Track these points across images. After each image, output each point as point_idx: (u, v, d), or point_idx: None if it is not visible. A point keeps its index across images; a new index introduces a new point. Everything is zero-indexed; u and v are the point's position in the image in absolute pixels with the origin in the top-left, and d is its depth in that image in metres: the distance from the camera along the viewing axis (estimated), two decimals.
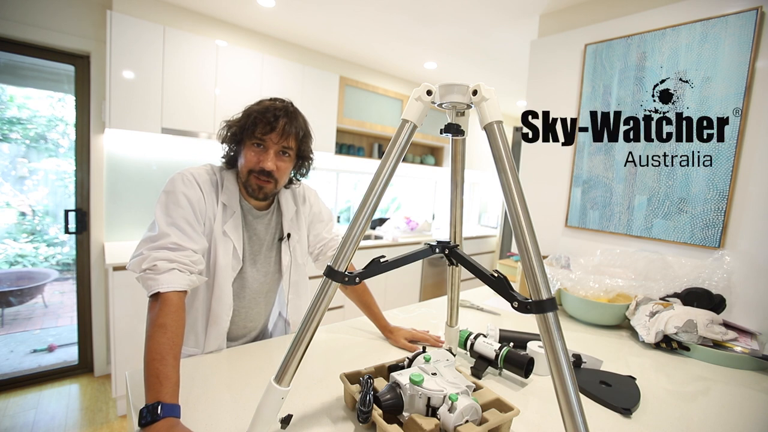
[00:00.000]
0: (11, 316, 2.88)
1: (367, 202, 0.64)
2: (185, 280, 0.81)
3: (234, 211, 0.99)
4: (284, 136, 0.93)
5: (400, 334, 1.12)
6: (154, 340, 0.71)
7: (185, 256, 0.83)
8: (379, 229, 3.60)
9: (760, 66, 1.42)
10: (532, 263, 0.55)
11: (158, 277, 0.78)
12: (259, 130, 0.92)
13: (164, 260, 0.80)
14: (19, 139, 2.55)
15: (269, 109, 0.93)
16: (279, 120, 0.92)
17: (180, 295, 0.79)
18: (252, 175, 0.95)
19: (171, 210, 0.87)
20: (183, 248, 0.84)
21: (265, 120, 0.91)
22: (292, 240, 1.10)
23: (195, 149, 2.61)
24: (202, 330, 1.00)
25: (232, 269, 0.99)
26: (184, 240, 0.85)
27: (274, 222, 1.08)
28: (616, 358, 1.15)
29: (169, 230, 0.84)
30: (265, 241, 1.07)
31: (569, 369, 0.52)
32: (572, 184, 1.97)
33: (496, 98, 0.61)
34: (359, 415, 0.67)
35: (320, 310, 0.64)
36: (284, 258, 1.08)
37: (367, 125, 3.31)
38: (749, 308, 1.40)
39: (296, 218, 1.13)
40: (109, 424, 1.99)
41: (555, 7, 2.12)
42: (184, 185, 0.91)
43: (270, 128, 0.92)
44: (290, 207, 1.10)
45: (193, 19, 2.50)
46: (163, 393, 0.63)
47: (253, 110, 0.95)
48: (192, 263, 0.84)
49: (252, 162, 0.94)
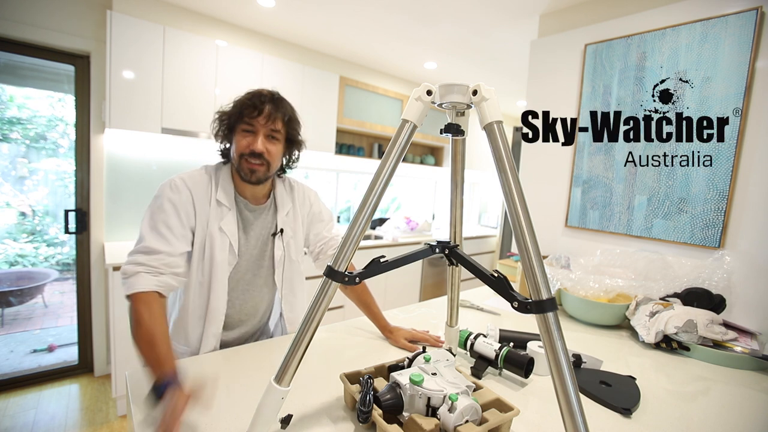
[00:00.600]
0: (11, 316, 2.88)
1: (367, 202, 0.64)
2: (152, 281, 0.85)
3: (230, 208, 1.01)
4: (271, 119, 0.97)
5: (400, 334, 1.12)
6: (135, 335, 0.78)
7: (156, 259, 0.88)
8: (379, 229, 3.60)
9: (760, 66, 1.42)
10: (532, 263, 0.55)
11: (126, 282, 0.84)
12: (247, 114, 0.95)
13: (134, 264, 0.86)
14: (19, 139, 2.56)
15: (255, 95, 0.97)
16: (265, 104, 0.96)
17: (148, 293, 0.84)
18: (243, 159, 0.97)
19: (154, 215, 0.93)
20: (156, 251, 0.88)
21: (252, 105, 0.95)
22: (286, 235, 1.11)
23: (195, 149, 2.61)
24: (197, 326, 1.01)
25: (228, 264, 1.02)
26: (160, 244, 0.90)
27: (270, 217, 1.11)
28: (616, 358, 1.15)
29: (147, 234, 0.91)
30: (261, 235, 1.09)
31: (569, 369, 0.52)
32: (572, 184, 1.97)
33: (496, 98, 0.61)
34: (359, 415, 0.67)
35: (320, 310, 0.64)
36: (277, 252, 1.09)
37: (367, 125, 3.31)
38: (749, 308, 1.40)
39: (292, 215, 1.14)
40: (109, 424, 1.99)
41: (555, 7, 2.12)
42: (171, 190, 0.95)
43: (257, 112, 0.95)
44: (286, 203, 1.13)
45: (193, 19, 2.50)
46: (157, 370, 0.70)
47: (240, 99, 0.99)
48: (164, 266, 0.88)
49: (242, 146, 0.97)
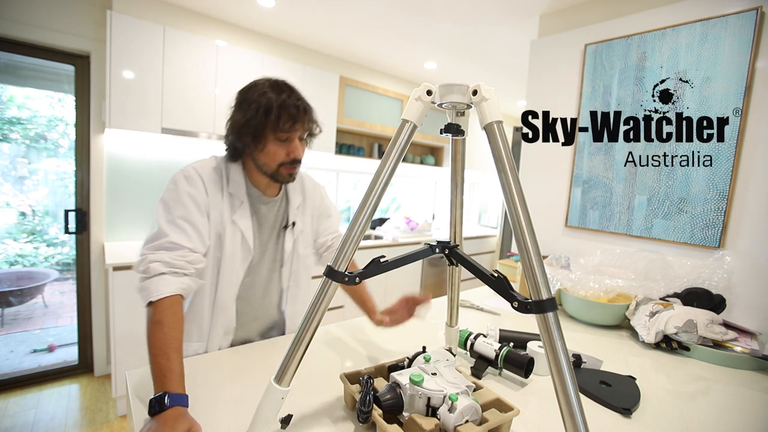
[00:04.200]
0: (11, 316, 2.88)
1: (367, 202, 0.64)
2: (176, 284, 0.81)
3: (242, 201, 1.00)
4: (306, 125, 0.97)
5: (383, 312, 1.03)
6: (153, 337, 0.73)
7: (181, 256, 0.84)
8: (379, 229, 3.60)
9: (760, 66, 1.42)
10: (532, 263, 0.55)
11: (150, 286, 0.79)
12: (284, 124, 0.92)
13: (158, 262, 0.81)
14: (19, 139, 2.56)
15: (288, 103, 0.92)
16: (300, 111, 0.94)
17: (171, 296, 0.79)
18: (283, 166, 0.96)
19: (172, 208, 0.88)
20: (180, 247, 0.85)
21: (288, 114, 0.92)
22: (296, 229, 1.10)
23: (195, 149, 2.61)
24: (207, 321, 1.00)
25: (242, 258, 1.00)
26: (182, 239, 0.86)
27: (282, 210, 1.10)
28: (616, 358, 1.15)
29: (167, 228, 0.85)
30: (273, 227, 1.08)
31: (569, 369, 0.52)
32: (572, 184, 1.97)
33: (496, 98, 0.61)
34: (359, 415, 0.67)
35: (320, 310, 0.63)
36: (287, 245, 1.08)
37: (367, 125, 3.30)
38: (749, 308, 1.40)
39: (303, 207, 1.14)
40: (109, 424, 1.99)
41: (555, 7, 2.12)
42: (187, 182, 0.92)
43: (294, 121, 0.93)
44: (297, 196, 1.12)
45: (193, 19, 2.50)
46: (168, 384, 0.66)
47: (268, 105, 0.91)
48: (188, 263, 0.85)
49: (281, 156, 0.95)
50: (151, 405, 0.63)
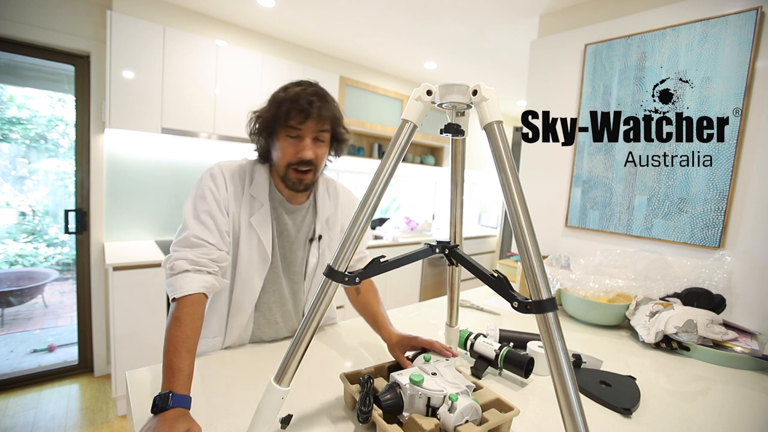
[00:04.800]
0: (11, 316, 2.88)
1: (367, 202, 0.64)
2: (200, 282, 0.81)
3: (262, 204, 0.97)
4: (320, 122, 0.89)
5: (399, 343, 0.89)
6: (170, 333, 0.74)
7: (204, 254, 0.85)
8: (379, 229, 3.60)
9: (760, 66, 1.42)
10: (532, 263, 0.55)
11: (174, 283, 0.80)
12: (294, 119, 0.87)
13: (182, 260, 0.82)
14: (19, 139, 2.56)
15: (301, 96, 0.87)
16: (313, 106, 0.87)
17: (194, 295, 0.80)
18: (291, 168, 0.91)
19: (196, 204, 0.89)
20: (203, 242, 0.85)
21: (299, 107, 0.86)
22: (323, 243, 1.05)
23: (195, 149, 2.60)
24: (224, 321, 1.01)
25: (261, 262, 0.98)
26: (205, 233, 0.87)
27: (308, 220, 1.05)
28: (616, 358, 1.15)
29: (191, 223, 0.87)
30: (296, 238, 1.03)
31: (569, 369, 0.52)
32: (572, 184, 1.97)
33: (496, 98, 0.61)
34: (359, 415, 0.67)
35: (320, 310, 0.63)
36: (311, 259, 1.05)
37: (367, 125, 3.30)
38: (749, 308, 1.40)
39: (332, 221, 1.08)
40: (109, 424, 1.99)
41: (555, 7, 2.12)
42: (211, 179, 0.92)
43: (305, 116, 0.87)
44: (327, 207, 1.06)
45: (193, 19, 2.50)
46: (174, 383, 0.66)
47: (282, 98, 0.88)
48: (211, 261, 0.85)
49: (290, 154, 0.90)
50: (154, 403, 0.64)
